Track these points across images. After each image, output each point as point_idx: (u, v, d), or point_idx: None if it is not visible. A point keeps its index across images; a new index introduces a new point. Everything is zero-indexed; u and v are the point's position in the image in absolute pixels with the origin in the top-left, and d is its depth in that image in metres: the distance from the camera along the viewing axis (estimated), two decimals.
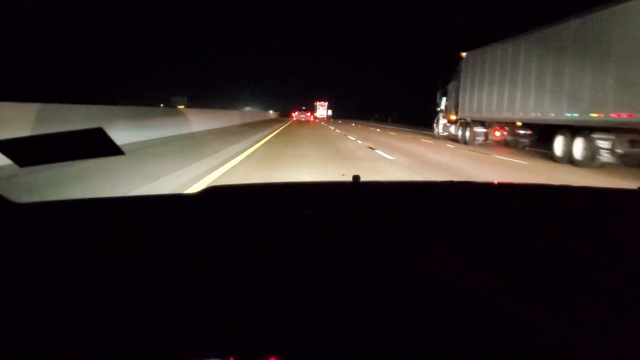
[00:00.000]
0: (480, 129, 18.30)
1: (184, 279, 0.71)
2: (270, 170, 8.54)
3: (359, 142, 18.74)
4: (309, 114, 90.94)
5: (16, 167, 0.85)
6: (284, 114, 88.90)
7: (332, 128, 35.37)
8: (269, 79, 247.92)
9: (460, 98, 20.11)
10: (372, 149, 14.93)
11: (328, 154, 12.74)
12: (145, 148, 10.86)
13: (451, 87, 21.75)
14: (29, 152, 0.84)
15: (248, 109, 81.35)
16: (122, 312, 0.65)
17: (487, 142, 18.10)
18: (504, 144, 17.57)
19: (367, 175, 1.75)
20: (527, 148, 16.23)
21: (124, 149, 0.85)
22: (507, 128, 16.93)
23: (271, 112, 77.79)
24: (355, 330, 0.60)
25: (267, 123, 36.91)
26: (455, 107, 20.89)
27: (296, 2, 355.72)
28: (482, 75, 18.02)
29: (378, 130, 33.66)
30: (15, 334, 0.63)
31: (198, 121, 19.98)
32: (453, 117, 21.10)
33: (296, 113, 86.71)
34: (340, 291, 0.68)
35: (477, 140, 18.36)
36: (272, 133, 22.04)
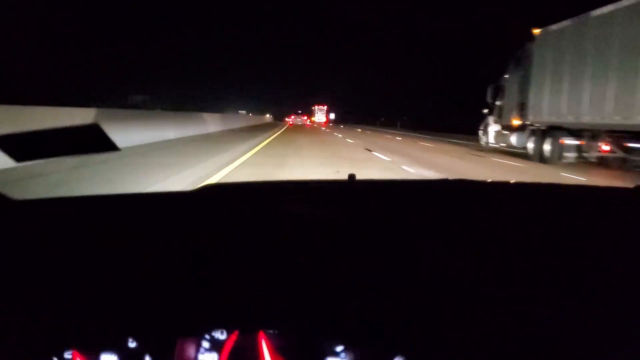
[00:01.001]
0: (571, 141, 12.13)
1: (182, 269, 0.81)
2: None
3: (387, 159, 12.56)
4: (305, 117, 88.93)
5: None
6: (279, 118, 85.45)
7: (344, 137, 29.14)
8: (267, 81, 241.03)
9: (530, 94, 13.96)
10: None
11: None
12: None
13: (510, 80, 15.64)
14: (25, 147, 0.86)
15: (242, 112, 76.83)
16: (123, 298, 0.79)
17: (583, 159, 11.94)
18: (599, 163, 11.68)
19: None
20: (638, 169, 10.34)
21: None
22: (609, 140, 10.84)
23: (267, 115, 74.32)
24: (348, 321, 0.74)
25: (252, 132, 30.52)
26: (519, 107, 14.79)
27: None
28: (578, 58, 11.81)
29: (398, 138, 27.41)
30: (15, 327, 0.75)
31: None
32: (516, 122, 14.93)
33: (292, 117, 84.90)
34: (335, 283, 0.77)
35: (567, 157, 12.19)
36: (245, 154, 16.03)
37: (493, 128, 16.96)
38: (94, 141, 0.82)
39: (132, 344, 0.76)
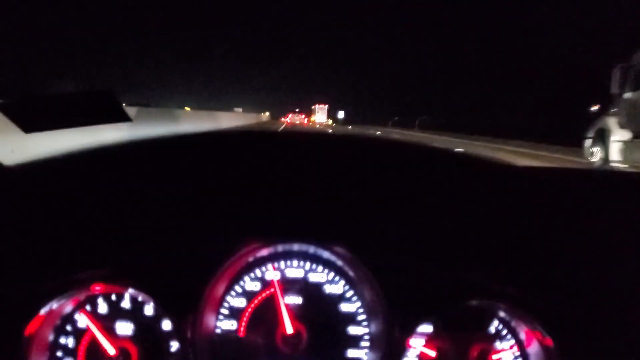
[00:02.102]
0: None
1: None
2: None
3: None
4: (303, 116, 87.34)
5: None
6: (277, 116, 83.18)
7: None
8: (267, 77, 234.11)
9: None
10: None
11: None
12: None
13: None
14: (35, 116, 0.83)
15: (238, 110, 70.95)
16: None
17: None
18: None
19: None
20: None
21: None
22: None
23: (266, 113, 68.74)
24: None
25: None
26: None
27: None
28: None
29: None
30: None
31: None
32: None
33: (289, 116, 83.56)
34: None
35: None
36: None
37: (618, 136, 10.12)
38: (106, 110, 0.83)
39: (149, 312, 0.88)
